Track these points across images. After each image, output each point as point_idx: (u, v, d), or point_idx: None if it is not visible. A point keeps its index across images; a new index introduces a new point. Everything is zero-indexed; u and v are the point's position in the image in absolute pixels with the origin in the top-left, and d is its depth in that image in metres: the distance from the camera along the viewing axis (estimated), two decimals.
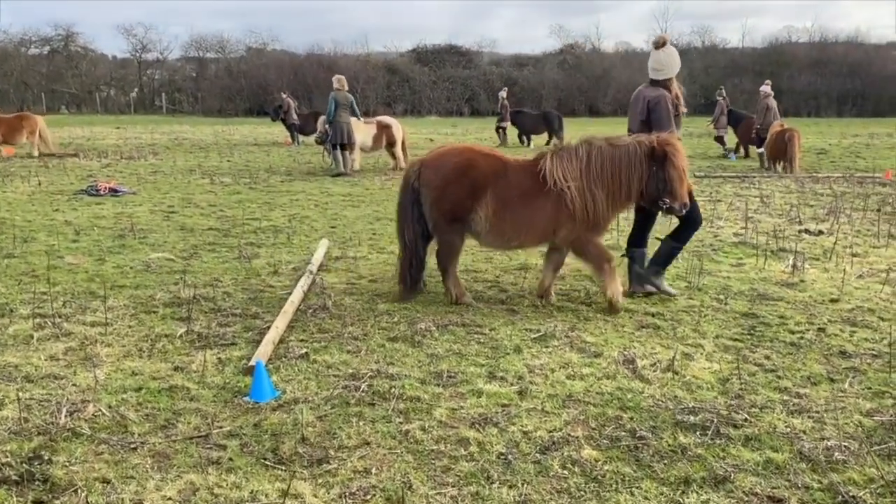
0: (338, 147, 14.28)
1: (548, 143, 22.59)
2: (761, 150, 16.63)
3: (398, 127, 15.68)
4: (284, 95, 24.44)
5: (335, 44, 63.47)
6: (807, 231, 8.65)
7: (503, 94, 24.09)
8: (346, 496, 2.91)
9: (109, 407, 3.65)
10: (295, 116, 23.71)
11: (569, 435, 3.42)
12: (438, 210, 5.45)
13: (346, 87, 14.37)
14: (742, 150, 19.45)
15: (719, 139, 20.09)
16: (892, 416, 3.64)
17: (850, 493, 2.94)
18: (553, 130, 22.98)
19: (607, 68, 54.62)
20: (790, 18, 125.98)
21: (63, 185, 12.53)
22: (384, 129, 15.42)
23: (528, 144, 23.24)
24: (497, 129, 23.74)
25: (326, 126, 14.35)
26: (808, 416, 3.65)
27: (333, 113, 14.07)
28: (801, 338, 4.89)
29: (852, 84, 51.26)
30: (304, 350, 4.51)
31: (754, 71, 49.52)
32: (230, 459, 3.18)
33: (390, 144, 15.49)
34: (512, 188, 5.37)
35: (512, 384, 4.03)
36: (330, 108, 14.13)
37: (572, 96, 53.26)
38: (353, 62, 52.42)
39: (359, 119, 14.87)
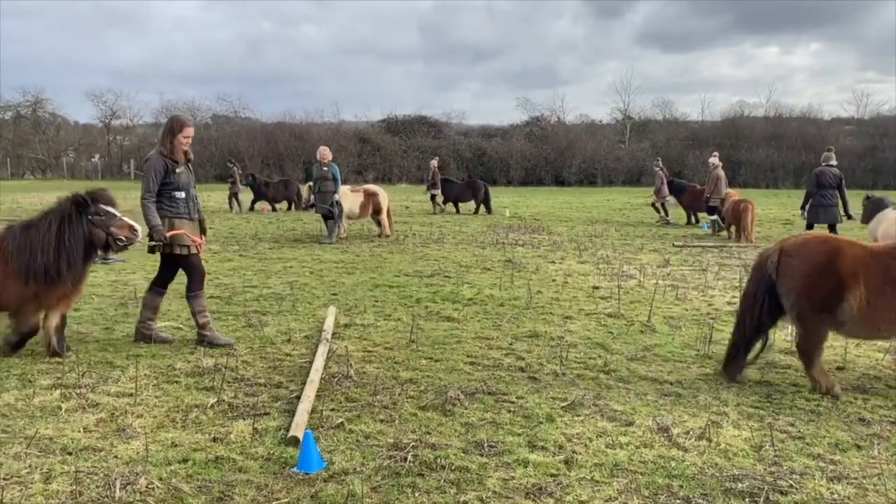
0: (335, 216, 14.44)
1: (476, 211, 23.44)
2: (714, 217, 17.55)
3: (384, 195, 15.94)
4: (231, 165, 24.03)
5: (306, 113, 64.54)
6: None
7: (434, 163, 24.66)
8: None
9: (161, 479, 3.60)
10: (239, 186, 23.47)
11: None
12: (808, 300, 5.24)
13: None
14: (693, 218, 20.36)
15: (655, 207, 21.05)
16: None
17: None
18: (479, 198, 23.67)
19: (572, 140, 56.15)
20: (743, 93, 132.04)
21: None
22: (370, 196, 15.65)
23: (457, 211, 23.89)
24: (432, 198, 24.31)
25: (313, 196, 14.53)
26: (849, 483, 3.76)
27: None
28: (819, 405, 5.05)
29: (807, 157, 53.45)
30: (340, 420, 4.51)
31: (714, 143, 51.37)
32: None
33: (376, 212, 15.70)
34: (883, 275, 5.17)
35: (555, 454, 4.08)
36: (340, 178, 14.38)
37: (539, 166, 54.49)
38: (324, 131, 53.08)
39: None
